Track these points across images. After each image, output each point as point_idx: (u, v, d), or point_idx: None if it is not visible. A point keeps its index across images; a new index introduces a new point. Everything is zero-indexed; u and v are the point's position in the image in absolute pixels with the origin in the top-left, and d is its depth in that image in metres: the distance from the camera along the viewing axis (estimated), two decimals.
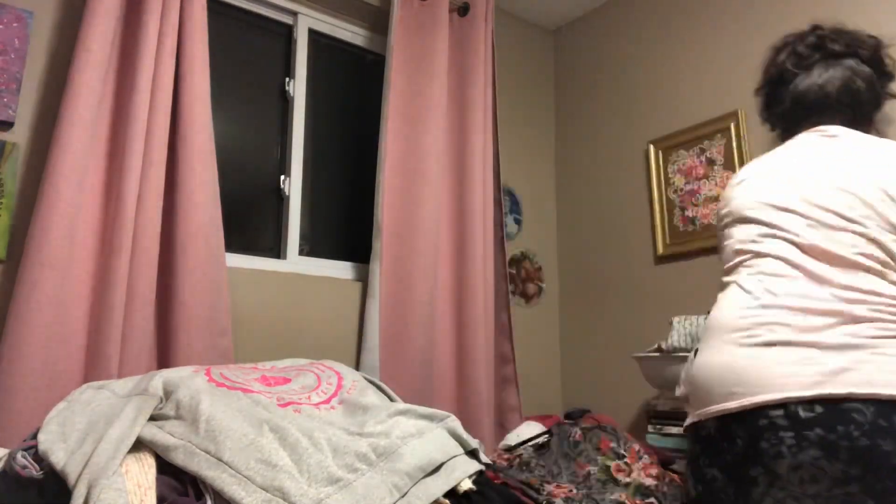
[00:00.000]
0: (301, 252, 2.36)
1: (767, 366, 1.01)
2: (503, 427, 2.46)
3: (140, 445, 1.15)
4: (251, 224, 2.29)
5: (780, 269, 1.10)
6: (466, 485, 1.33)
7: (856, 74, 1.25)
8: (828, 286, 1.05)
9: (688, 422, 1.13)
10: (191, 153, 1.89)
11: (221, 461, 1.10)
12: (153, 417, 1.22)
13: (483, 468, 1.43)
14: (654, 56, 2.73)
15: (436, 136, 2.39)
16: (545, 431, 1.99)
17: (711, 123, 2.45)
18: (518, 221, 2.92)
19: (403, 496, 1.20)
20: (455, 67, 2.62)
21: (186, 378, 1.33)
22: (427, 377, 2.21)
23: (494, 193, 2.63)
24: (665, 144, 2.61)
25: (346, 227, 2.53)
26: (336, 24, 2.60)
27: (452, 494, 1.30)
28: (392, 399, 1.60)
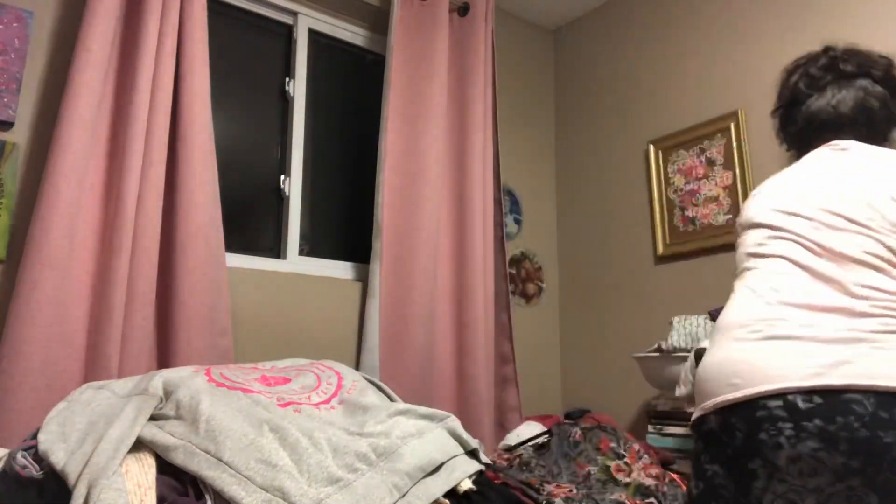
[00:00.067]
0: (301, 252, 2.36)
1: (767, 358, 1.02)
2: (503, 427, 2.46)
3: (140, 445, 1.15)
4: (251, 224, 2.29)
5: (785, 268, 1.12)
6: (466, 485, 1.33)
7: (868, 94, 1.27)
8: (831, 282, 1.06)
9: (693, 418, 1.14)
10: (191, 153, 1.89)
11: (221, 461, 1.10)
12: (153, 417, 1.22)
13: (483, 468, 1.43)
14: (654, 56, 2.73)
15: (436, 136, 2.39)
16: (545, 431, 1.99)
17: (711, 123, 2.45)
18: (518, 221, 2.92)
19: (403, 496, 1.20)
20: (455, 67, 2.62)
21: (186, 378, 1.33)
22: (427, 377, 2.21)
23: (494, 193, 2.63)
24: (665, 144, 2.61)
25: (346, 227, 2.53)
26: (336, 24, 2.60)
27: (452, 494, 1.30)
28: (392, 399, 1.60)
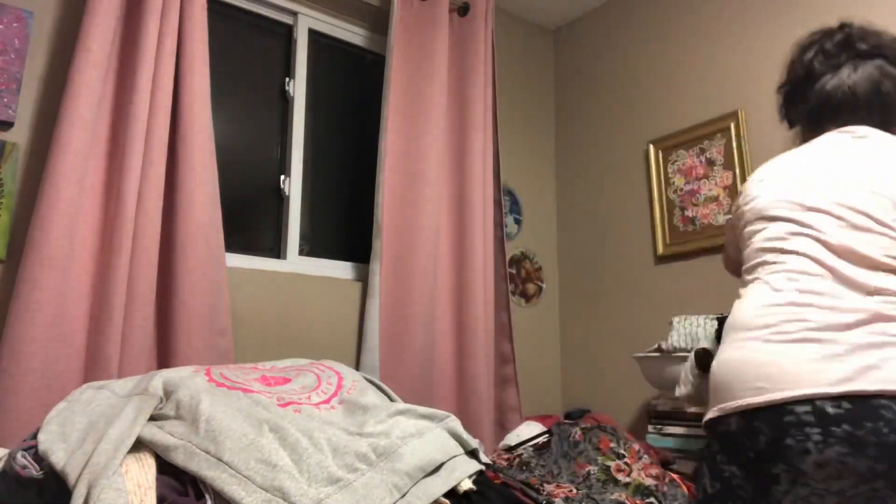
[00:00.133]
0: (301, 252, 2.36)
1: (795, 362, 1.00)
2: (503, 427, 2.46)
3: (140, 445, 1.15)
4: (251, 224, 2.29)
5: (808, 268, 1.09)
6: (466, 485, 1.33)
7: (885, 75, 1.24)
8: (855, 286, 1.05)
9: (707, 417, 1.11)
10: (191, 153, 1.89)
11: (221, 461, 1.10)
12: (153, 417, 1.22)
13: (483, 468, 1.43)
14: (654, 56, 2.73)
15: (436, 136, 2.39)
16: (545, 431, 1.99)
17: (711, 123, 2.45)
18: (518, 221, 2.92)
19: (403, 496, 1.20)
20: (455, 67, 2.62)
21: (186, 378, 1.33)
22: (427, 377, 2.21)
23: (494, 193, 2.63)
24: (665, 144, 2.61)
25: (346, 227, 2.53)
26: (336, 24, 2.60)
27: (452, 494, 1.30)
28: (392, 399, 1.60)
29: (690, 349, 2.02)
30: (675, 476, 1.75)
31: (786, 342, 1.03)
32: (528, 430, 2.09)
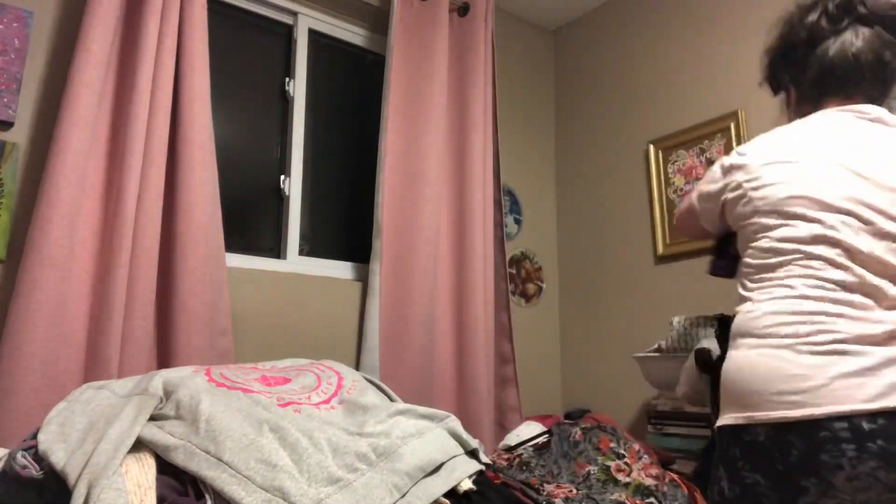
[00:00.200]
0: (301, 252, 2.36)
1: (830, 376, 0.99)
2: (503, 427, 2.46)
3: (140, 445, 1.15)
4: (251, 224, 2.29)
5: (836, 276, 1.06)
6: (466, 485, 1.33)
7: (885, 44, 1.18)
8: (882, 297, 1.03)
9: (726, 422, 1.08)
10: (191, 153, 1.89)
11: (221, 461, 1.10)
12: (153, 417, 1.22)
13: (483, 468, 1.43)
14: (654, 56, 2.73)
15: (436, 136, 2.39)
16: (545, 431, 1.99)
17: (711, 123, 2.45)
18: (518, 221, 2.92)
19: (403, 496, 1.20)
20: (455, 67, 2.62)
21: (186, 378, 1.33)
22: (427, 377, 2.21)
23: (494, 193, 2.63)
24: (665, 144, 2.61)
25: (346, 227, 2.53)
26: (336, 24, 2.60)
27: (452, 494, 1.30)
28: (392, 399, 1.60)
29: (690, 349, 2.02)
30: (675, 476, 1.75)
31: (818, 354, 1.01)
32: (528, 430, 2.09)
